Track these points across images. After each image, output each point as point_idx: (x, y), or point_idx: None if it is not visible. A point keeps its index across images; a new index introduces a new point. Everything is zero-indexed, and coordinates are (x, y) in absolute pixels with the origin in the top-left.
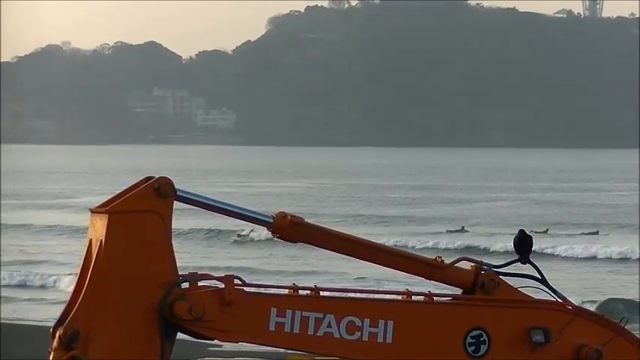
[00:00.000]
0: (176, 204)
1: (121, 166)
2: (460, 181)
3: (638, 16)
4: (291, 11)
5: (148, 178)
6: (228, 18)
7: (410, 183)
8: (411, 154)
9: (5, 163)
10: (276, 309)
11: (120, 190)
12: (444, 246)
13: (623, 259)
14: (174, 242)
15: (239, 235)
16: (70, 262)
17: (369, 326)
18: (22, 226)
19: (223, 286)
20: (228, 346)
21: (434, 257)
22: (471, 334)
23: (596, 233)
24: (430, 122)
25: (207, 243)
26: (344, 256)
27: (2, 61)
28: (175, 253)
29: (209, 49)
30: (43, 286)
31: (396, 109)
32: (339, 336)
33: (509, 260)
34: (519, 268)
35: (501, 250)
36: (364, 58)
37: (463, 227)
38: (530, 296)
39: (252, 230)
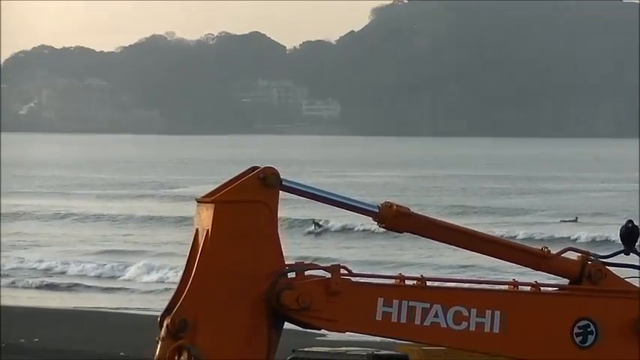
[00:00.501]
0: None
1: (227, 156)
2: (568, 171)
3: None
4: (394, 1)
5: (254, 168)
6: (332, 8)
7: (516, 173)
8: (517, 144)
9: (110, 154)
10: (382, 299)
11: (226, 180)
12: (548, 236)
13: None
14: None
15: (316, 225)
16: (172, 252)
17: (476, 316)
18: (121, 215)
19: (330, 275)
20: (334, 335)
21: (540, 247)
22: (578, 325)
23: None
24: (537, 112)
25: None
26: (450, 246)
27: (106, 51)
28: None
29: (313, 40)
30: (114, 277)
31: (501, 99)
32: (446, 326)
33: (615, 251)
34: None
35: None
36: (468, 48)
37: (576, 218)
38: (637, 287)
39: (327, 221)
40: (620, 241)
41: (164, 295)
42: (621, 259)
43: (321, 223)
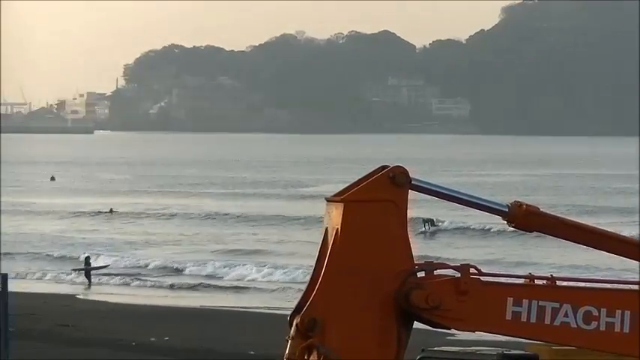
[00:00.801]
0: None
1: (356, 155)
2: None
3: None
4: (524, 0)
5: (383, 167)
6: (462, 7)
7: None
8: None
9: (240, 153)
10: (512, 298)
11: (355, 179)
12: None
13: None
14: None
15: (429, 223)
16: (299, 251)
17: (606, 316)
18: (250, 214)
19: (459, 275)
20: (464, 335)
21: None
22: None
23: None
24: None
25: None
26: (580, 245)
27: (236, 50)
28: None
29: (443, 39)
30: (241, 276)
31: (634, 98)
32: (575, 326)
33: None
34: None
35: None
36: (601, 46)
37: None
38: None
39: (439, 220)
40: None
41: (292, 293)
42: None
43: (434, 221)
